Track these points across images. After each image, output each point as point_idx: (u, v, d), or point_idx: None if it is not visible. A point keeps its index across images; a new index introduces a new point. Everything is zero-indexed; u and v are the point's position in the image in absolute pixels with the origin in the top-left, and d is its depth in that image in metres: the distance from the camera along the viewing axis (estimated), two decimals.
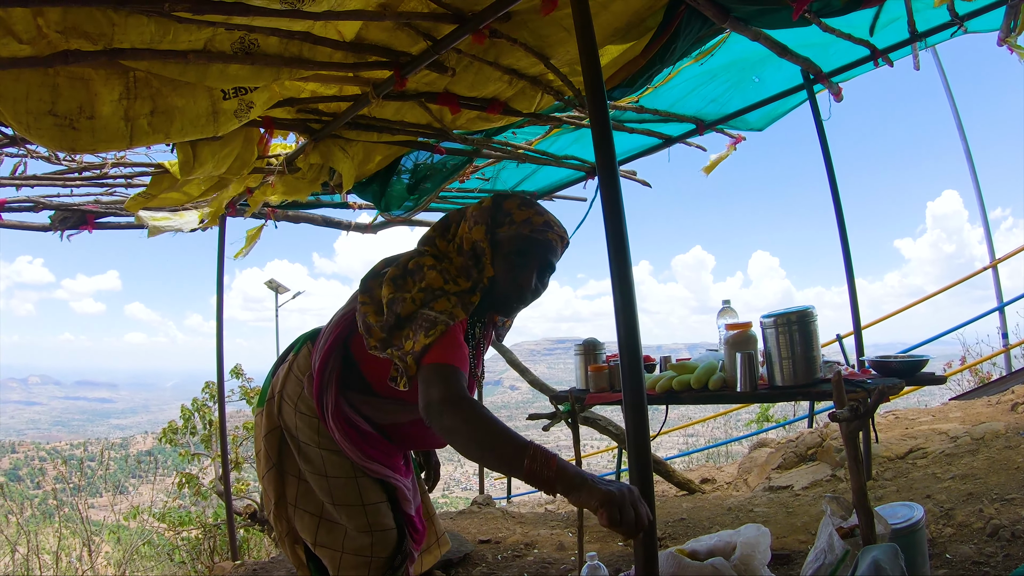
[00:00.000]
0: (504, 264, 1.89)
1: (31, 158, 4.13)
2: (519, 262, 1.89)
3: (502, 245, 1.89)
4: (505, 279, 1.89)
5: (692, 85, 4.02)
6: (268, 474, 2.16)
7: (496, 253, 1.89)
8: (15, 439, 53.20)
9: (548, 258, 1.94)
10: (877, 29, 3.49)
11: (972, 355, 7.93)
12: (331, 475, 2.07)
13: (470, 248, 1.89)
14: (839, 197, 4.20)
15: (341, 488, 2.07)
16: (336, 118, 3.31)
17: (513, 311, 2.01)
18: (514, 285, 1.90)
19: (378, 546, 2.08)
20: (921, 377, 2.60)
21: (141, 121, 2.49)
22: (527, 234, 1.89)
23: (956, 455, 4.20)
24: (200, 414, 7.73)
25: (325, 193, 4.95)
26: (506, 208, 1.93)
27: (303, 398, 2.09)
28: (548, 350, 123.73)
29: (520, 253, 1.89)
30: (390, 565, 2.13)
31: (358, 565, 2.08)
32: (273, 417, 2.15)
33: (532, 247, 1.90)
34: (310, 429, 2.08)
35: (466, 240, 1.90)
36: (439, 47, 2.58)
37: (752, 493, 5.09)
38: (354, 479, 2.08)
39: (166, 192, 3.75)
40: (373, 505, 2.09)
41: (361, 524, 2.07)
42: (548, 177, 5.58)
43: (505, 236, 1.89)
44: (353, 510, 2.07)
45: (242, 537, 7.05)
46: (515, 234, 1.89)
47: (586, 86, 1.92)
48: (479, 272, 1.88)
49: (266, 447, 2.16)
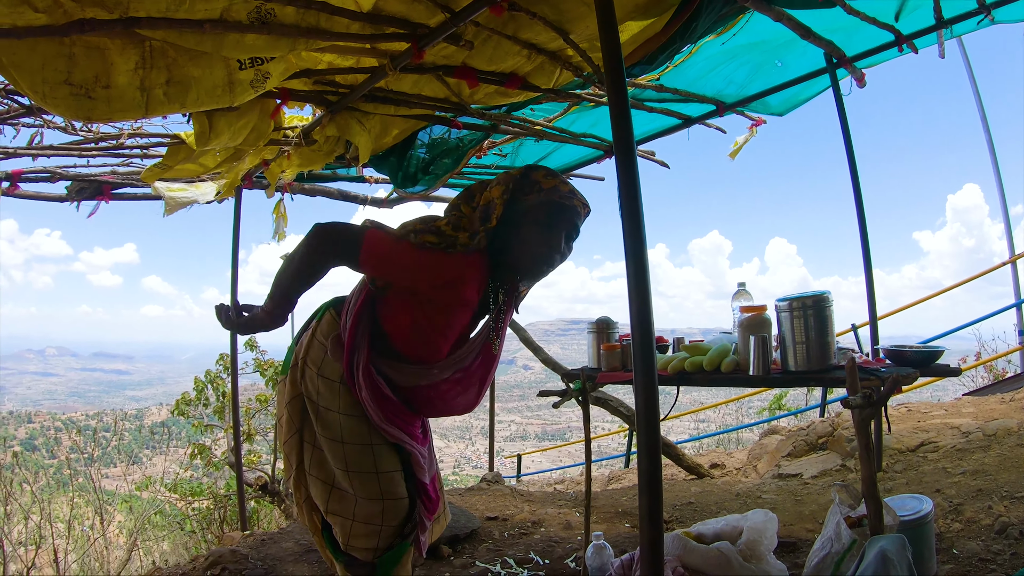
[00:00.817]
0: (533, 228, 2.02)
1: (47, 128, 4.15)
2: (548, 224, 2.02)
3: (529, 212, 2.02)
4: (535, 242, 2.03)
5: (713, 64, 3.96)
6: (290, 440, 2.21)
7: (521, 220, 2.02)
8: (31, 409, 53.90)
9: (575, 222, 2.08)
10: (903, 14, 3.43)
11: (988, 351, 7.88)
12: (347, 441, 2.10)
13: (484, 204, 2.00)
14: (859, 186, 4.14)
15: (357, 455, 2.09)
16: (353, 90, 3.29)
17: (540, 274, 2.12)
18: (544, 247, 2.03)
19: (389, 514, 2.11)
20: (936, 368, 2.57)
21: (157, 91, 2.48)
22: (556, 200, 2.03)
23: (967, 450, 4.17)
24: (213, 386, 7.80)
25: (341, 166, 4.95)
26: (533, 177, 2.05)
27: (326, 362, 2.14)
28: (562, 331, 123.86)
29: (549, 217, 2.02)
30: (400, 533, 2.16)
31: (368, 534, 2.11)
32: (296, 383, 2.20)
33: (561, 211, 2.03)
34: (331, 393, 2.11)
35: (483, 199, 2.01)
36: (457, 19, 2.55)
37: (761, 480, 5.08)
38: (370, 446, 2.11)
39: (182, 163, 3.76)
40: (387, 473, 2.12)
41: (373, 491, 2.09)
42: (566, 155, 5.55)
43: (534, 202, 2.02)
44: (367, 477, 2.09)
45: (252, 508, 7.13)
46: (544, 200, 2.02)
47: (604, 62, 1.89)
48: (483, 226, 1.99)
49: (289, 413, 2.20)
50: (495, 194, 2.00)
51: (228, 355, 7.48)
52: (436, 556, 3.69)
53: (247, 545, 4.15)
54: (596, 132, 4.81)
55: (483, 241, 2.00)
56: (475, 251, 2.00)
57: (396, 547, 2.17)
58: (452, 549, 3.82)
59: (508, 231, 2.05)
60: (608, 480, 6.74)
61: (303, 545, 4.08)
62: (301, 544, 4.10)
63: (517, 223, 2.04)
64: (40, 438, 28.59)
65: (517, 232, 2.04)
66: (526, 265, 2.08)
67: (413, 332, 2.08)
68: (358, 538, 2.12)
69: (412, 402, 2.20)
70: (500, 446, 29.82)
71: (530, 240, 2.03)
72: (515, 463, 9.76)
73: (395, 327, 2.10)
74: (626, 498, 4.94)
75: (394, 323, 2.10)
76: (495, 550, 3.80)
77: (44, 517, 6.99)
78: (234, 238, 5.31)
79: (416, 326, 2.06)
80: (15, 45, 2.11)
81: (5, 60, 2.14)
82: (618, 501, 4.82)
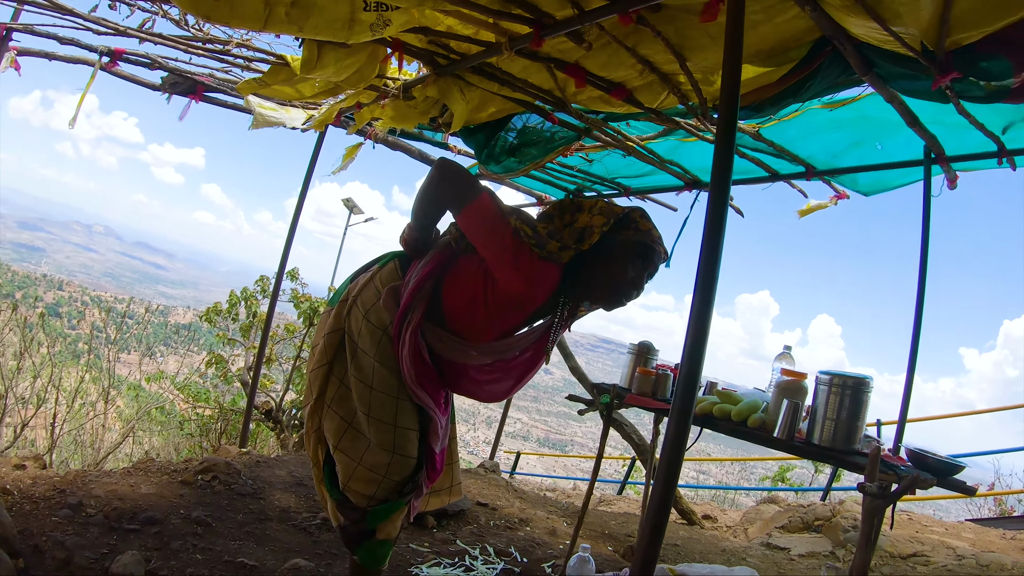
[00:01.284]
0: (619, 262, 2.13)
1: (161, 17, 4.25)
2: (633, 262, 2.14)
3: (623, 246, 2.14)
4: (615, 274, 2.13)
5: (814, 128, 3.92)
6: (318, 369, 2.27)
7: (613, 252, 2.14)
8: (65, 278, 55.29)
9: (657, 264, 2.22)
10: (1011, 128, 3.37)
11: (1001, 484, 7.70)
12: (376, 388, 2.15)
13: (581, 227, 2.10)
14: (924, 287, 4.06)
15: (381, 403, 2.14)
16: (464, 59, 3.33)
17: (616, 304, 2.21)
18: (627, 282, 2.14)
19: (394, 468, 2.16)
20: (952, 482, 2.54)
21: (279, 9, 2.53)
22: (648, 242, 2.15)
23: (958, 574, 4.10)
24: (247, 304, 7.94)
25: (430, 129, 5.00)
26: (633, 216, 2.19)
27: (376, 308, 2.21)
28: (592, 346, 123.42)
29: (638, 255, 2.14)
30: (399, 490, 2.19)
31: (369, 480, 2.15)
32: (340, 318, 2.26)
33: (649, 252, 2.16)
34: (372, 339, 2.17)
35: (582, 221, 2.10)
36: (584, 18, 2.57)
37: (749, 543, 5.04)
38: (395, 399, 2.16)
39: (280, 84, 3.82)
40: (404, 429, 2.17)
41: (386, 442, 2.14)
42: (648, 178, 5.54)
43: (629, 239, 2.14)
44: (384, 426, 2.14)
45: (252, 430, 7.27)
46: (638, 240, 2.14)
47: (721, 101, 1.91)
48: (575, 245, 2.08)
49: (325, 344, 2.27)
50: (597, 222, 2.11)
51: (268, 277, 7.64)
52: (421, 524, 3.74)
53: (242, 462, 4.24)
54: (682, 163, 4.80)
55: (568, 257, 2.08)
56: (557, 263, 2.08)
57: (391, 502, 2.21)
58: (437, 522, 3.87)
59: (596, 258, 2.15)
60: (599, 502, 6.75)
61: (295, 476, 4.16)
62: (293, 475, 4.18)
63: (609, 254, 2.14)
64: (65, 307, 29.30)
65: (607, 262, 2.14)
66: (607, 293, 2.18)
67: (467, 308, 2.15)
68: (358, 482, 2.17)
69: (446, 373, 2.27)
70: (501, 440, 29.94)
71: (617, 272, 2.13)
72: (512, 458, 9.81)
73: (452, 295, 2.17)
74: (614, 522, 4.95)
75: (454, 291, 2.17)
76: (478, 535, 3.84)
77: (51, 382, 7.17)
78: (309, 170, 5.41)
79: (473, 301, 2.13)
80: None
81: None
82: (606, 523, 4.82)
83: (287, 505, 3.73)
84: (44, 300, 25.29)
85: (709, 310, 1.71)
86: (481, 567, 3.33)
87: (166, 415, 8.91)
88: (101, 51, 4.63)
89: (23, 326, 7.73)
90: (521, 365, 2.29)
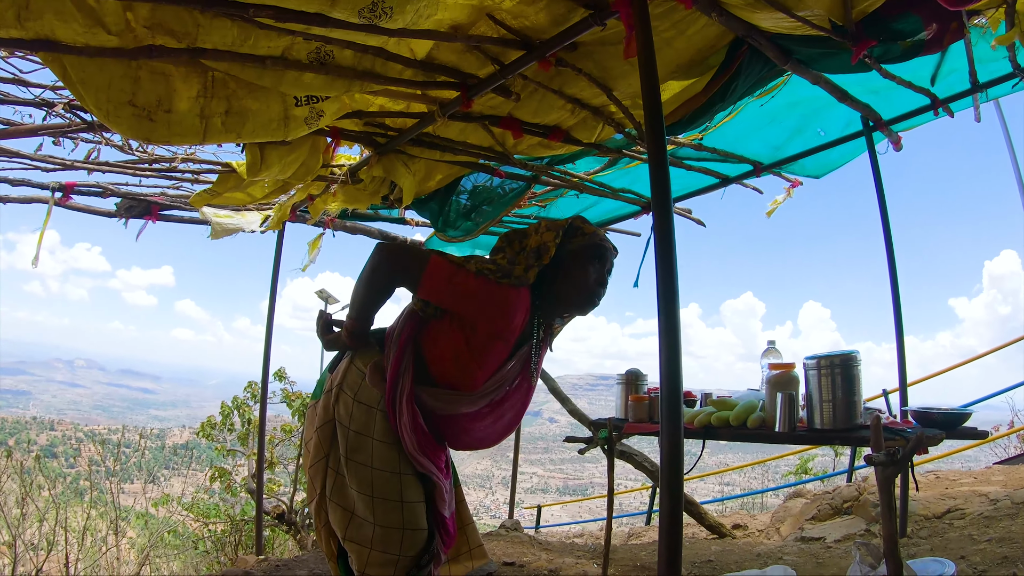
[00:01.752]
0: (579, 268, 2.24)
1: (105, 145, 4.31)
2: (591, 264, 2.24)
3: (576, 253, 2.24)
4: (579, 280, 2.24)
5: (752, 126, 4.03)
6: (316, 464, 2.26)
7: (570, 261, 2.24)
8: (55, 417, 54.37)
9: (612, 261, 2.32)
10: (939, 78, 3.48)
11: (1021, 420, 7.69)
12: (377, 467, 2.15)
13: (536, 246, 2.22)
14: (893, 250, 4.15)
15: (384, 482, 2.14)
16: (401, 133, 3.41)
17: (589, 307, 2.30)
18: (586, 283, 2.24)
19: (407, 544, 2.14)
20: (962, 431, 2.57)
21: (215, 120, 2.61)
22: (598, 243, 2.26)
23: (995, 518, 4.09)
24: (239, 412, 7.87)
25: (384, 207, 5.06)
26: (577, 224, 2.29)
27: (363, 388, 2.21)
28: (591, 385, 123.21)
29: (592, 257, 2.24)
30: (416, 564, 2.18)
31: (385, 563, 2.13)
32: (329, 409, 2.26)
33: (602, 252, 2.26)
34: (367, 419, 2.18)
35: (534, 241, 2.24)
36: (506, 72, 2.66)
37: (783, 542, 5.00)
38: (399, 475, 2.16)
39: (231, 191, 3.88)
40: (411, 504, 2.16)
41: (395, 520, 2.13)
42: (604, 209, 5.63)
43: (580, 245, 2.25)
44: (391, 505, 2.13)
45: (267, 537, 7.15)
46: (588, 243, 2.25)
47: (645, 120, 1.99)
48: (537, 262, 2.18)
49: (319, 438, 2.26)
50: (548, 238, 2.21)
51: (256, 383, 7.58)
52: None
53: (261, 569, 4.17)
54: (635, 188, 4.89)
55: (533, 276, 2.16)
56: (524, 285, 2.15)
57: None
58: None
59: (557, 272, 2.24)
60: (628, 536, 6.66)
61: (317, 574, 4.09)
62: (315, 573, 4.12)
63: (567, 264, 2.24)
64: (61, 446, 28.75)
65: (567, 271, 2.24)
66: (579, 299, 2.26)
67: (453, 361, 2.17)
68: (374, 567, 2.15)
69: (444, 431, 2.28)
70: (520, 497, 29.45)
71: (581, 277, 2.23)
72: (534, 514, 9.65)
73: (436, 355, 2.20)
74: (645, 553, 4.89)
75: (435, 351, 2.19)
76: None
77: (59, 523, 7.03)
78: (274, 269, 5.43)
79: (457, 355, 2.15)
80: (85, 63, 2.25)
81: (74, 76, 2.27)
82: (637, 555, 4.77)
83: None
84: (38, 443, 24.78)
85: (676, 323, 1.76)
86: None
87: (179, 537, 8.74)
88: (53, 187, 4.69)
89: (21, 472, 7.60)
90: (513, 396, 2.32)
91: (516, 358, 2.29)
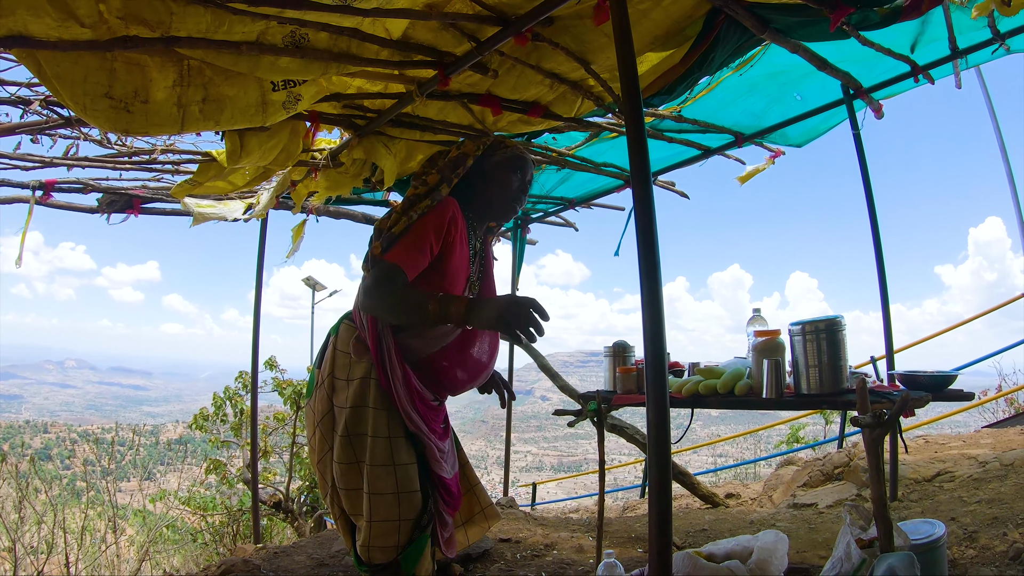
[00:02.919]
0: (503, 177, 2.47)
1: (83, 140, 4.27)
2: (513, 174, 2.48)
3: (500, 164, 2.48)
4: (501, 188, 2.47)
5: (732, 96, 4.03)
6: (323, 458, 2.32)
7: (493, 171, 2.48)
8: (48, 420, 54.29)
9: (531, 171, 2.57)
10: (919, 45, 3.48)
11: (1008, 384, 7.78)
12: (371, 434, 2.19)
13: (453, 158, 2.39)
14: (876, 217, 4.17)
15: (381, 448, 2.18)
16: (380, 115, 3.39)
17: (511, 212, 2.54)
18: (508, 191, 2.48)
19: (405, 507, 2.19)
20: (948, 393, 2.60)
21: (193, 108, 2.60)
22: (519, 154, 2.51)
23: (984, 480, 4.15)
24: (232, 403, 7.86)
25: (367, 190, 5.05)
26: (499, 140, 2.55)
27: (353, 366, 2.26)
28: (581, 362, 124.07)
29: (515, 167, 2.49)
30: (418, 525, 2.22)
31: (387, 532, 2.18)
32: (325, 401, 2.30)
33: (523, 162, 2.52)
34: (361, 389, 2.23)
35: (452, 154, 2.41)
36: (482, 48, 2.65)
37: (776, 509, 5.06)
38: (388, 439, 2.21)
39: (212, 180, 3.86)
40: (403, 466, 2.21)
41: (389, 485, 2.17)
42: (587, 184, 5.63)
43: (503, 156, 2.49)
44: (384, 470, 2.17)
45: (265, 526, 7.17)
46: (511, 155, 2.50)
47: (622, 91, 1.98)
48: (452, 173, 2.34)
49: (320, 432, 2.31)
50: (467, 149, 2.43)
51: (247, 373, 7.58)
52: (448, 574, 3.71)
53: (260, 557, 4.18)
54: (617, 162, 4.89)
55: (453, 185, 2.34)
56: (450, 196, 2.32)
57: (416, 540, 2.23)
58: (464, 568, 3.84)
59: (481, 184, 2.47)
60: (623, 509, 6.72)
61: (315, 558, 4.11)
62: (313, 558, 4.13)
63: (491, 174, 2.47)
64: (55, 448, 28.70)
65: (492, 180, 2.47)
66: (500, 205, 2.50)
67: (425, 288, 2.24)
68: (378, 537, 2.18)
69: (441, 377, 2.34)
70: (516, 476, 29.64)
71: (503, 186, 2.47)
72: (529, 492, 9.71)
73: None
74: (639, 524, 4.94)
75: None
76: (507, 571, 3.81)
77: (57, 525, 7.04)
78: (259, 258, 5.41)
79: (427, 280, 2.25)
80: (59, 57, 2.23)
81: (49, 71, 2.25)
82: (631, 527, 4.81)
83: None
84: (32, 446, 24.73)
85: (658, 291, 1.76)
86: None
87: (178, 532, 8.77)
88: (33, 186, 4.65)
89: (16, 476, 7.59)
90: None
91: (474, 264, 2.48)
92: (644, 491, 7.51)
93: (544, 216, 6.75)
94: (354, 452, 2.21)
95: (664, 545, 1.61)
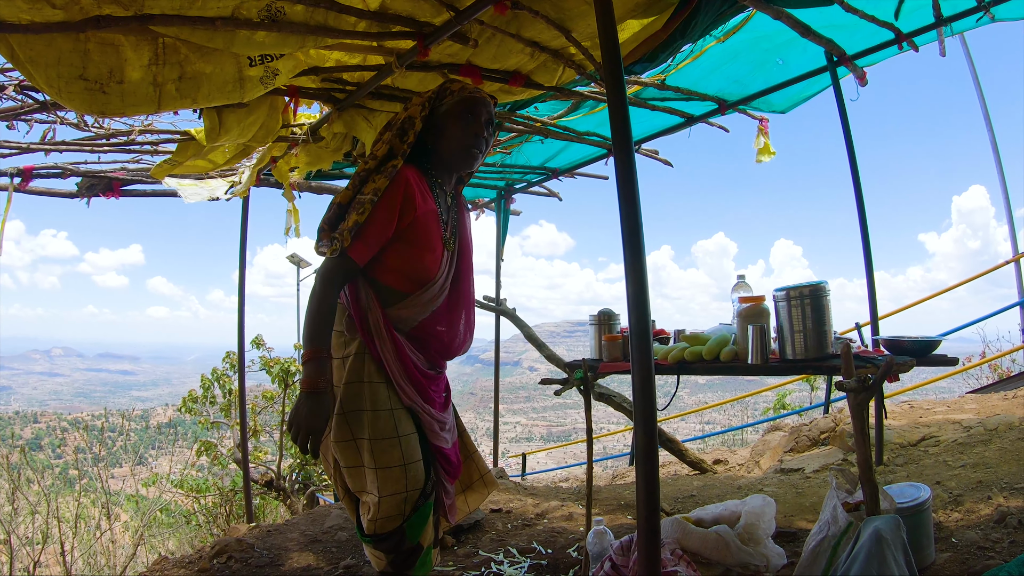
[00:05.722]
0: (453, 127, 2.31)
1: (60, 124, 4.21)
2: (468, 118, 2.31)
3: (448, 113, 2.32)
4: (453, 138, 2.32)
5: (715, 64, 4.01)
6: (324, 439, 2.30)
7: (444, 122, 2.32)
8: (37, 409, 54.09)
9: (489, 110, 2.37)
10: (903, 12, 3.46)
11: (992, 350, 7.87)
12: (373, 409, 2.19)
13: (400, 123, 2.27)
14: (860, 184, 4.18)
15: (383, 421, 2.18)
16: (360, 87, 3.35)
17: (473, 160, 2.38)
18: (461, 140, 2.32)
19: (411, 478, 2.19)
20: (933, 358, 2.61)
21: (169, 86, 2.56)
22: (468, 96, 2.33)
23: (968, 444, 4.21)
24: (220, 384, 7.84)
25: (348, 164, 5.00)
26: (446, 86, 2.36)
27: (346, 343, 2.25)
28: (568, 332, 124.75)
29: (468, 111, 2.31)
30: (423, 493, 2.23)
31: (396, 503, 2.18)
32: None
33: (476, 104, 2.33)
34: (357, 365, 2.21)
35: (400, 118, 2.29)
36: (462, 17, 2.61)
37: (763, 475, 5.12)
38: (390, 411, 2.20)
39: (192, 159, 3.82)
40: (406, 436, 2.21)
41: (395, 457, 2.17)
42: (571, 154, 5.62)
43: (451, 103, 2.32)
44: (389, 443, 2.17)
45: (257, 505, 7.19)
46: (459, 99, 2.32)
47: (603, 59, 1.96)
48: (401, 142, 2.23)
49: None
50: (414, 111, 2.28)
51: (234, 353, 7.55)
52: (441, 545, 3.74)
53: (253, 536, 4.20)
54: (600, 131, 4.86)
55: (408, 151, 2.24)
56: (405, 164, 2.23)
57: (420, 508, 2.24)
58: (456, 539, 3.87)
59: (436, 137, 2.33)
60: (613, 477, 6.79)
61: (308, 535, 4.13)
62: (306, 535, 4.15)
63: (442, 126, 2.32)
64: (46, 438, 28.60)
65: (444, 133, 2.32)
66: (459, 156, 2.34)
67: (407, 263, 2.23)
68: (387, 508, 2.19)
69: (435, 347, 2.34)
70: (505, 447, 29.89)
71: (457, 134, 2.31)
72: (520, 462, 9.78)
73: (386, 267, 2.24)
74: (628, 492, 4.99)
75: (386, 269, 2.24)
76: (498, 540, 3.85)
77: (51, 514, 7.04)
78: (242, 237, 5.37)
79: (407, 258, 2.23)
80: (32, 40, 2.18)
81: (22, 55, 2.21)
82: (620, 495, 4.87)
83: (306, 564, 3.71)
84: (23, 436, 24.63)
85: (642, 258, 1.77)
86: (509, 569, 3.34)
87: (172, 515, 8.79)
88: (11, 173, 4.58)
89: (8, 467, 7.58)
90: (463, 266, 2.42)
91: (447, 218, 2.38)
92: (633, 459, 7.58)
93: (528, 186, 6.74)
94: (350, 430, 2.21)
95: (652, 511, 1.62)
